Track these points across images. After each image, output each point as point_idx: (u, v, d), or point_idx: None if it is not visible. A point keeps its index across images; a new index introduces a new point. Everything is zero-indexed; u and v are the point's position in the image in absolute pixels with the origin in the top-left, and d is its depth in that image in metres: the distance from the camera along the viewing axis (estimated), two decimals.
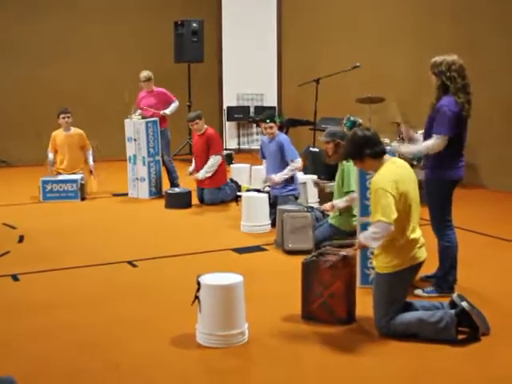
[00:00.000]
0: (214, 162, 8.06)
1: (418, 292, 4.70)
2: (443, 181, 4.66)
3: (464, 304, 3.89)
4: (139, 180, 8.64)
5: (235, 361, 3.75)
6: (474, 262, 5.46)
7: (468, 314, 3.87)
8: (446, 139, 4.54)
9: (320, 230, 5.95)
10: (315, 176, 8.02)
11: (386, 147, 4.16)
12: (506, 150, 8.62)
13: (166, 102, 8.99)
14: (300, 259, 4.42)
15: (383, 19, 10.40)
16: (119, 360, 3.75)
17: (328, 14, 11.54)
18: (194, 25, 11.36)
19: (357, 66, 9.37)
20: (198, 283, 3.92)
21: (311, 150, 9.04)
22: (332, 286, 4.16)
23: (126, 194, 8.75)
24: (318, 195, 7.49)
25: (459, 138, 4.65)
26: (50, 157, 8.80)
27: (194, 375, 3.61)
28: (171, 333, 4.08)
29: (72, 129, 8.94)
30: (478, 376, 3.55)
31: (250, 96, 13.04)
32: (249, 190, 7.57)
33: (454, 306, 3.97)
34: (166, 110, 8.89)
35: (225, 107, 13.11)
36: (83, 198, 8.47)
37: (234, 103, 13.08)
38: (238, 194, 7.72)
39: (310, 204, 6.83)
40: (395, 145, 4.74)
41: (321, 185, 6.29)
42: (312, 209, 6.39)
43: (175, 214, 7.69)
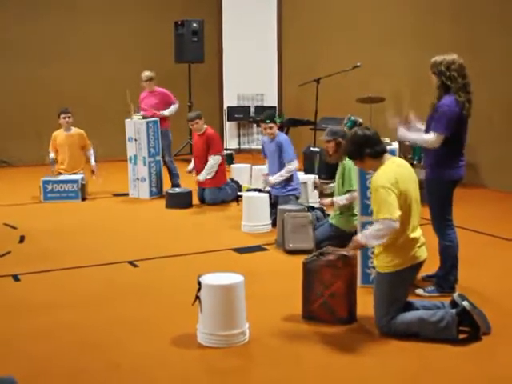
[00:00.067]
0: (213, 162, 8.05)
1: (419, 291, 4.70)
2: (443, 180, 4.66)
3: (465, 303, 3.90)
4: (140, 180, 8.64)
5: (236, 361, 3.75)
6: (474, 262, 5.46)
7: (469, 313, 3.87)
8: (442, 138, 4.54)
9: (320, 229, 5.95)
10: (316, 175, 8.02)
11: (386, 147, 4.16)
12: (507, 150, 8.62)
13: (167, 102, 8.98)
14: (301, 259, 4.42)
15: (383, 19, 10.39)
16: (120, 360, 3.75)
17: (328, 14, 11.54)
18: (195, 25, 11.34)
19: (357, 66, 9.37)
20: (199, 283, 3.92)
21: (312, 149, 9.04)
22: (333, 286, 4.17)
23: (126, 194, 8.74)
24: (319, 196, 7.47)
25: (459, 138, 4.64)
26: (52, 156, 8.80)
27: (195, 375, 3.61)
28: (172, 333, 4.08)
29: (72, 129, 8.93)
30: (478, 375, 3.55)
31: (250, 96, 13.04)
32: (249, 189, 7.57)
33: (454, 305, 3.97)
34: (165, 111, 8.87)
35: (225, 107, 13.10)
36: (84, 198, 8.47)
37: (234, 103, 13.07)
38: (239, 193, 7.72)
39: (310, 204, 6.83)
40: (396, 124, 4.67)
41: (319, 187, 6.26)
42: (313, 208, 6.40)
43: (176, 214, 7.69)
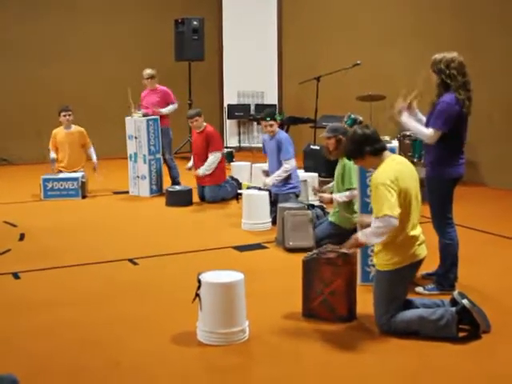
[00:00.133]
0: (213, 159, 8.05)
1: (419, 289, 4.71)
2: (444, 178, 4.65)
3: (465, 302, 3.90)
4: (140, 178, 8.64)
5: (236, 359, 3.75)
6: (474, 260, 5.46)
7: (469, 311, 3.87)
8: (439, 134, 4.54)
9: (320, 227, 5.95)
10: (316, 174, 8.05)
11: (385, 144, 4.17)
12: (507, 148, 8.62)
13: (167, 101, 8.98)
14: (301, 257, 4.42)
15: (383, 18, 10.39)
16: (120, 358, 3.75)
17: (328, 13, 11.53)
18: (195, 23, 11.32)
19: (357, 64, 9.37)
20: (199, 281, 3.92)
21: (312, 147, 9.04)
22: (333, 284, 4.17)
23: (126, 192, 8.74)
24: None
25: (459, 136, 4.64)
26: (53, 156, 8.79)
27: (195, 373, 3.61)
28: (172, 331, 4.08)
29: (73, 126, 8.92)
30: (478, 373, 3.55)
31: (250, 94, 13.04)
32: (249, 187, 7.57)
33: (454, 303, 3.97)
34: (162, 109, 8.86)
35: (225, 105, 13.10)
36: (84, 196, 8.47)
37: (234, 101, 13.07)
38: (239, 191, 7.72)
39: (310, 202, 6.83)
40: (402, 107, 4.65)
41: (319, 193, 6.24)
42: (313, 206, 6.39)
43: (176, 211, 7.69)
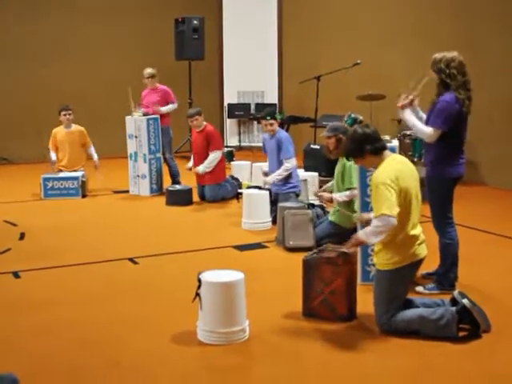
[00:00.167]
0: (214, 156, 8.03)
1: (419, 289, 4.70)
2: (444, 178, 4.65)
3: (465, 301, 3.89)
4: (140, 177, 8.64)
5: (236, 358, 3.75)
6: (475, 259, 5.46)
7: (469, 311, 3.87)
8: (439, 133, 4.53)
9: (320, 227, 5.95)
10: (316, 174, 8.04)
11: (386, 143, 4.17)
12: (507, 147, 8.61)
13: (167, 101, 8.96)
14: (301, 256, 4.42)
15: (383, 18, 10.38)
16: (120, 357, 3.75)
17: (328, 13, 11.52)
18: (195, 22, 11.30)
19: (358, 63, 9.36)
20: (199, 280, 3.92)
21: (312, 147, 9.04)
22: (333, 283, 4.17)
23: (126, 191, 8.74)
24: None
25: (459, 135, 4.64)
26: (54, 159, 8.78)
27: (195, 372, 3.61)
28: (172, 330, 4.08)
29: (73, 126, 8.92)
30: (478, 373, 3.55)
31: (250, 93, 13.04)
32: (250, 187, 7.57)
33: (455, 303, 3.97)
34: (162, 108, 8.84)
35: (225, 104, 13.10)
36: (84, 196, 8.47)
37: (234, 100, 13.07)
38: (239, 191, 7.71)
39: (310, 201, 6.83)
40: (404, 103, 4.64)
41: (319, 192, 6.23)
42: (313, 206, 6.39)
43: (176, 211, 7.69)
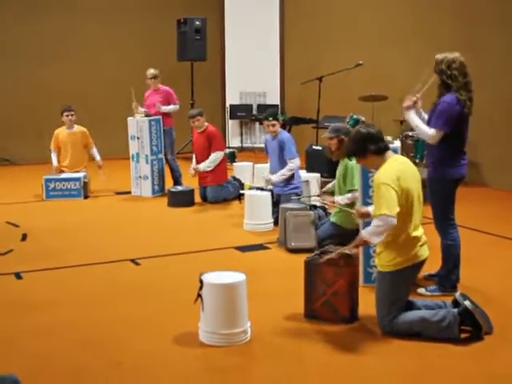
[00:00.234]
0: (216, 157, 8.04)
1: (421, 291, 4.70)
2: (445, 179, 4.64)
3: (467, 303, 3.89)
4: (142, 178, 8.64)
5: (238, 359, 3.75)
6: (476, 261, 5.45)
7: (471, 312, 3.87)
8: (441, 134, 4.53)
9: (322, 228, 5.94)
10: (318, 175, 8.04)
11: (389, 144, 4.17)
12: (508, 148, 8.61)
13: (169, 101, 8.96)
14: (303, 257, 4.41)
15: (384, 19, 10.39)
16: (121, 358, 3.75)
17: (330, 14, 11.54)
18: (197, 23, 11.32)
19: (360, 64, 9.36)
20: (201, 281, 3.92)
21: (314, 148, 9.04)
22: (335, 285, 4.16)
23: (128, 192, 8.75)
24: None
25: (461, 136, 4.64)
26: (55, 163, 8.79)
27: (197, 374, 3.61)
28: (174, 331, 4.08)
29: (75, 127, 8.93)
30: (480, 375, 3.55)
31: (252, 94, 13.03)
32: (251, 188, 7.57)
33: (456, 304, 3.97)
34: (163, 107, 8.82)
35: (227, 105, 13.10)
36: (86, 196, 8.48)
37: (236, 101, 13.07)
38: (241, 192, 7.71)
39: (312, 202, 6.82)
40: (409, 103, 4.64)
41: (322, 195, 6.22)
42: (315, 207, 6.39)
43: (178, 212, 7.69)
